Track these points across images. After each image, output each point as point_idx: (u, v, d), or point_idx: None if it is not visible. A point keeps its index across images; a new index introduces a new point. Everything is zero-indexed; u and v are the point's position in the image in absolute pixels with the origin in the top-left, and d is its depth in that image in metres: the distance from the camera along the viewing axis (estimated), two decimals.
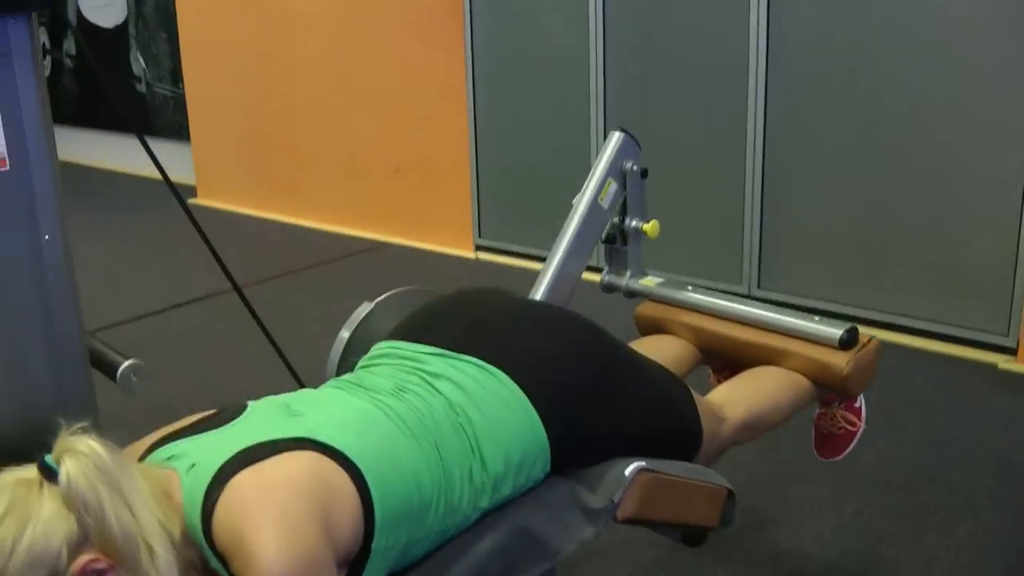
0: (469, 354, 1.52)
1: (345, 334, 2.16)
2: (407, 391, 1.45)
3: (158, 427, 1.44)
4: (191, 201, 6.66)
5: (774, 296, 4.21)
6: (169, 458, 1.31)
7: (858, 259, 4.00)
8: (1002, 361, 3.64)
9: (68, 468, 1.16)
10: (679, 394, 1.74)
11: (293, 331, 4.22)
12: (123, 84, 7.29)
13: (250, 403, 1.43)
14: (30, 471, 1.20)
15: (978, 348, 3.73)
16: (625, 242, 2.32)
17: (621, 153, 2.25)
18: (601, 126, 4.60)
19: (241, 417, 1.38)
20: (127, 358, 2.47)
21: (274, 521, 1.17)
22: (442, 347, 1.54)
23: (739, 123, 4.15)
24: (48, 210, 1.68)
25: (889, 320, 3.94)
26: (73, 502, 1.15)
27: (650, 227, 2.29)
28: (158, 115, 7.14)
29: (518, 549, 1.46)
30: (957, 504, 2.77)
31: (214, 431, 1.35)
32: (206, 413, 1.44)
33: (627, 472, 1.53)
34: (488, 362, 1.50)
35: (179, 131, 6.86)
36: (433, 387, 1.47)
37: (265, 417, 1.37)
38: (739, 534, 2.62)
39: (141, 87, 7.22)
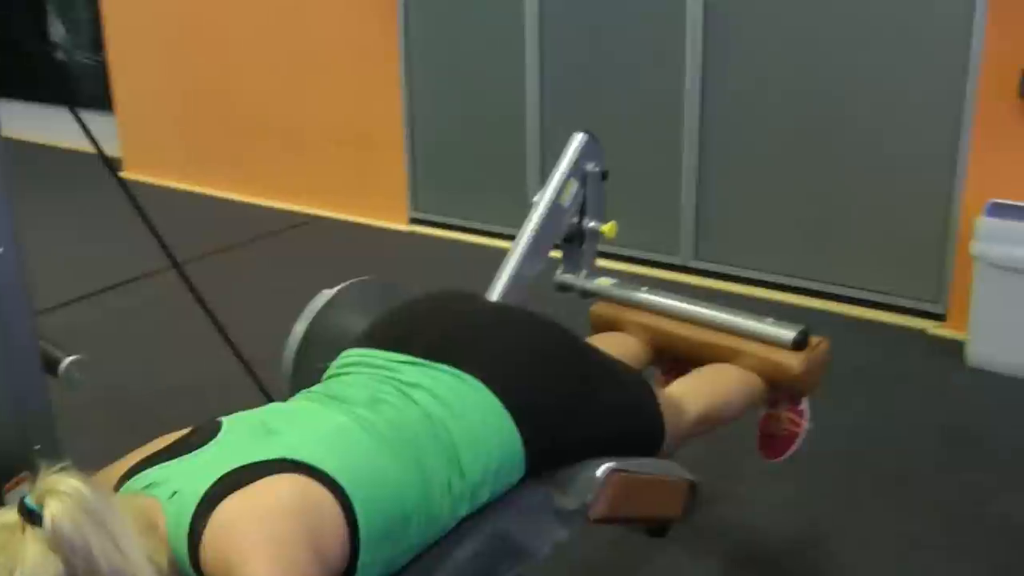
0: (443, 362, 1.52)
1: (300, 327, 2.15)
2: (382, 402, 1.46)
3: (107, 417, 1.39)
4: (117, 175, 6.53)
5: (710, 267, 4.29)
6: (148, 486, 1.29)
7: (793, 230, 4.09)
8: (932, 327, 3.77)
9: (52, 510, 1.13)
10: (645, 392, 1.78)
11: (235, 310, 4.17)
12: (42, 52, 7.10)
13: (223, 421, 1.42)
14: (10, 514, 1.16)
15: (909, 315, 3.84)
16: (582, 242, 2.34)
17: (583, 154, 2.26)
18: (537, 100, 4.61)
19: (217, 438, 1.37)
20: (69, 354, 2.44)
21: (265, 548, 1.18)
22: (416, 355, 1.55)
23: (676, 96, 4.20)
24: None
25: (822, 289, 4.04)
26: (59, 544, 1.12)
27: (608, 228, 2.32)
28: (79, 84, 6.97)
29: (495, 554, 1.49)
30: (901, 470, 2.87)
31: (191, 455, 1.34)
32: (178, 434, 1.42)
33: (599, 474, 1.57)
34: (463, 370, 1.51)
35: (101, 101, 6.70)
36: (409, 397, 1.47)
37: (242, 437, 1.36)
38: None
39: (61, 55, 7.03)
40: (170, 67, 6.11)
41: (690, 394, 1.95)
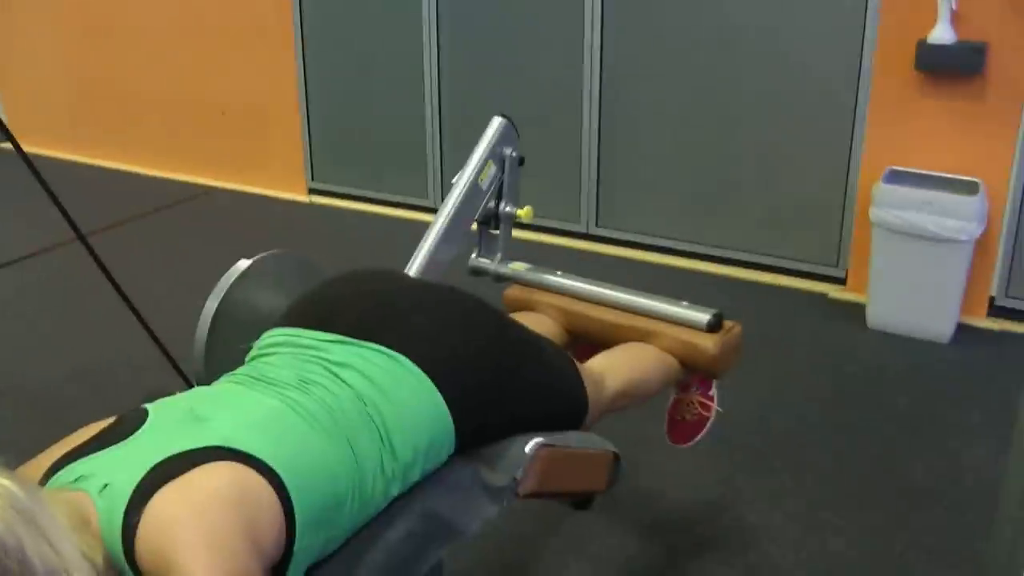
0: (373, 341, 1.50)
1: (212, 304, 2.09)
2: (312, 383, 1.43)
3: (11, 405, 1.32)
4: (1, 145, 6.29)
5: (612, 235, 4.32)
6: (77, 479, 1.24)
7: (695, 197, 4.14)
8: (832, 291, 3.86)
9: None
10: (569, 368, 1.79)
11: (140, 285, 4.07)
12: None
13: (149, 408, 1.37)
14: None
15: (810, 279, 3.93)
16: (497, 226, 2.33)
17: (501, 138, 2.25)
18: (434, 66, 4.57)
19: (144, 426, 1.32)
20: None
21: (202, 540, 1.14)
22: (344, 334, 1.52)
23: (576, 63, 4.20)
24: None
25: (724, 255, 4.11)
26: None
27: (524, 212, 2.31)
28: None
29: (427, 532, 1.48)
30: (802, 433, 2.94)
31: (119, 445, 1.28)
32: (104, 423, 1.36)
33: (527, 449, 1.57)
34: (393, 348, 1.49)
35: None
36: (339, 377, 1.45)
37: (170, 424, 1.32)
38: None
39: None
40: (54, 36, 5.89)
41: (610, 370, 1.97)
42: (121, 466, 1.23)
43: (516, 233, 4.42)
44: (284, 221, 4.96)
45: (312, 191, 5.19)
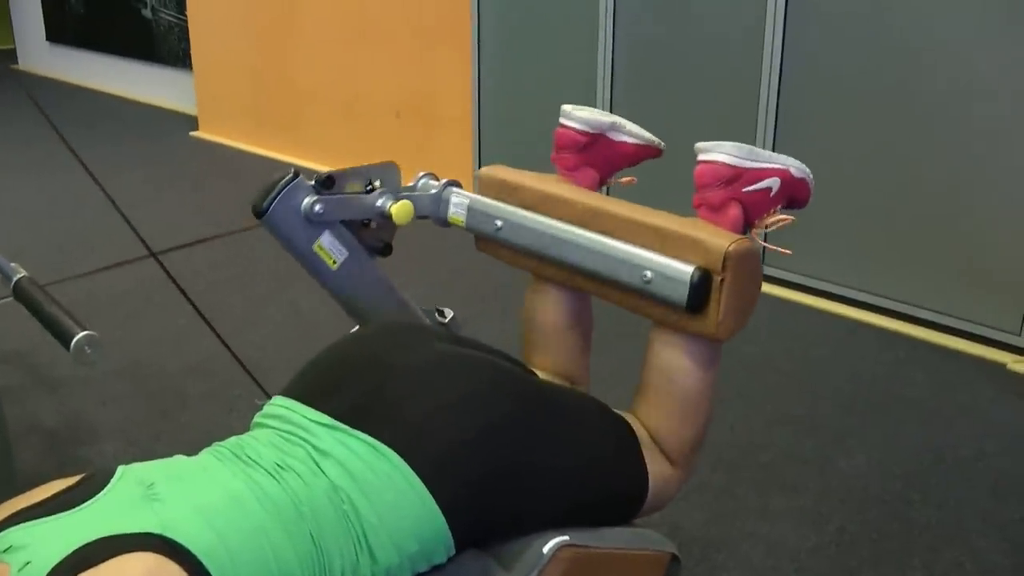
0: (362, 429, 1.34)
1: None
2: (288, 469, 1.30)
3: (132, 388, 1.24)
4: (193, 134, 6.49)
5: (774, 273, 4.02)
6: (7, 550, 1.16)
7: (870, 241, 3.79)
8: (1012, 361, 3.44)
9: None
10: (619, 447, 1.56)
11: (272, 285, 4.10)
12: (129, 8, 7.09)
13: (120, 471, 1.28)
14: None
15: (987, 345, 3.53)
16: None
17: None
18: (608, 74, 4.37)
19: (98, 496, 1.23)
20: (83, 328, 2.33)
21: None
22: (335, 416, 1.37)
23: (751, 99, 3.92)
24: None
25: (895, 308, 3.75)
26: None
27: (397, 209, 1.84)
28: (162, 42, 6.94)
29: None
30: (946, 525, 2.60)
31: (62, 515, 1.20)
32: (68, 481, 1.28)
33: (544, 550, 1.37)
34: (382, 440, 1.32)
35: (184, 59, 6.66)
36: (318, 467, 1.31)
37: (121, 499, 1.22)
38: (710, 547, 2.48)
39: (147, 12, 7.00)
40: (242, 30, 6.03)
41: (671, 429, 1.63)
42: (50, 542, 1.14)
43: None
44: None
45: None
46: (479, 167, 5.04)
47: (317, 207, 1.77)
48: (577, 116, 1.82)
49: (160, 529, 1.15)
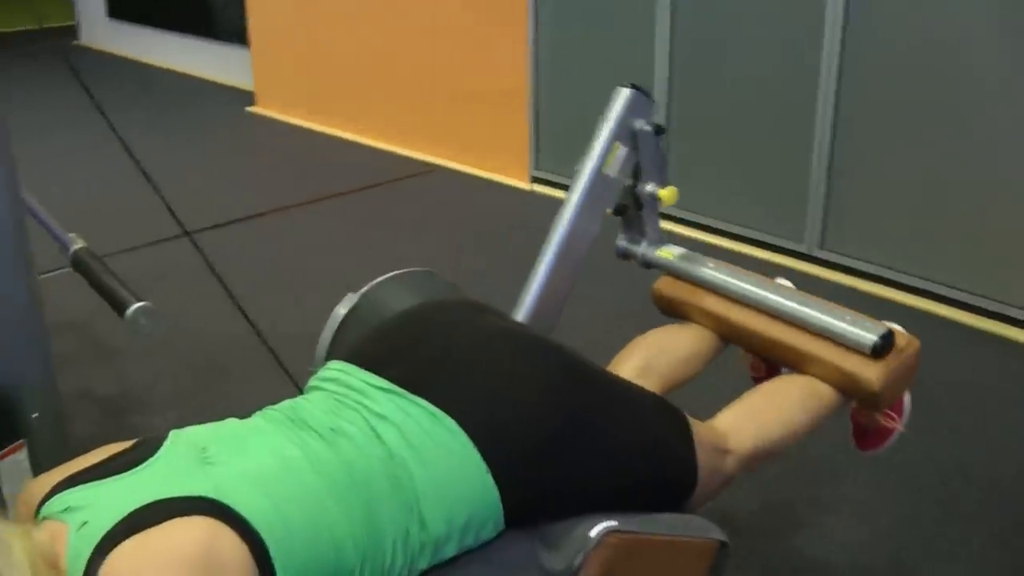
0: (421, 395, 1.34)
1: (342, 311, 1.98)
2: (343, 435, 1.29)
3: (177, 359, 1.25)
4: (249, 109, 6.52)
5: (834, 259, 3.95)
6: (65, 510, 1.18)
7: (927, 228, 3.71)
8: None
9: None
10: (671, 433, 1.54)
11: (322, 261, 4.10)
12: None
13: (171, 435, 1.29)
14: None
15: None
16: (640, 208, 2.05)
17: (629, 111, 1.96)
18: (666, 59, 4.32)
19: (151, 459, 1.24)
20: (140, 299, 2.35)
21: None
22: (394, 381, 1.37)
23: (812, 73, 3.85)
24: None
25: (949, 295, 3.66)
26: None
27: (667, 193, 2.00)
28: (220, 17, 6.97)
29: None
30: (1003, 519, 2.55)
31: (117, 477, 1.21)
32: (121, 445, 1.29)
33: (591, 534, 1.35)
34: (441, 408, 1.32)
35: (241, 35, 6.68)
36: (375, 431, 1.30)
37: (175, 462, 1.23)
38: (760, 537, 2.45)
39: None
40: (300, 6, 6.03)
41: (739, 427, 1.70)
42: (106, 504, 1.17)
43: (730, 244, 4.18)
44: (501, 208, 4.86)
45: (535, 179, 5.06)
46: (536, 150, 5.02)
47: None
48: None
49: (214, 493, 1.16)
